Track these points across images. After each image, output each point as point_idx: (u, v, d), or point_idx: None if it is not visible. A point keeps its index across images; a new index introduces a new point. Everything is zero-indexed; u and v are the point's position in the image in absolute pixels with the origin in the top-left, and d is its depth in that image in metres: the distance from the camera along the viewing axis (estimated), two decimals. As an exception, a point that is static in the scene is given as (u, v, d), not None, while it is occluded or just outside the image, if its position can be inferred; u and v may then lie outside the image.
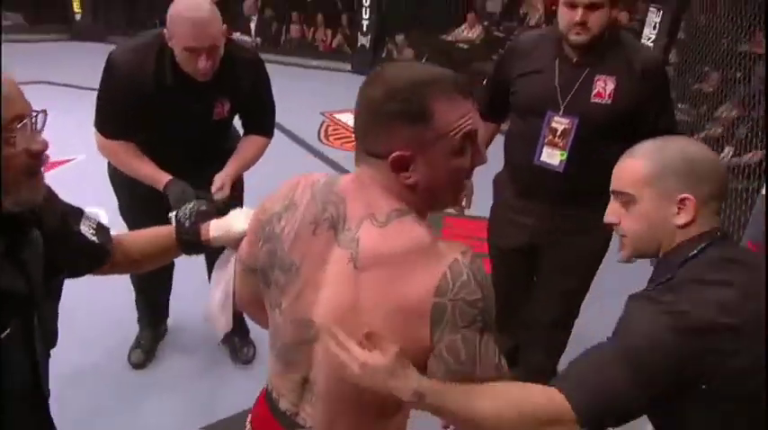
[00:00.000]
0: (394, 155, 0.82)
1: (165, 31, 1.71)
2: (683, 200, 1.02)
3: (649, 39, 3.91)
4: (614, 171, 1.10)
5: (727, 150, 3.86)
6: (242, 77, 1.86)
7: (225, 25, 1.72)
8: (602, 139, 1.66)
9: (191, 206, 1.22)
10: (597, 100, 1.65)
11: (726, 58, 3.93)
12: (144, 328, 2.36)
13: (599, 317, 2.12)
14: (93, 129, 1.88)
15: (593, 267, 1.91)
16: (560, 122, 1.68)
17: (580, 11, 1.57)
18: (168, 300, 2.41)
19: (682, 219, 1.03)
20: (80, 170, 3.71)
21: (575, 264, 1.88)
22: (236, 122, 2.09)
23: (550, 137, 1.69)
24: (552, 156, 1.70)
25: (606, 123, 1.66)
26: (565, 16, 1.61)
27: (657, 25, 3.81)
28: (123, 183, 1.98)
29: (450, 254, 0.83)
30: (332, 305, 0.88)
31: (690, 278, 0.99)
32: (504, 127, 1.95)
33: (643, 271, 1.32)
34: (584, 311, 2.03)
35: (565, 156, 1.69)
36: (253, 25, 7.71)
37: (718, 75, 4.62)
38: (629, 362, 0.92)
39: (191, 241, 1.18)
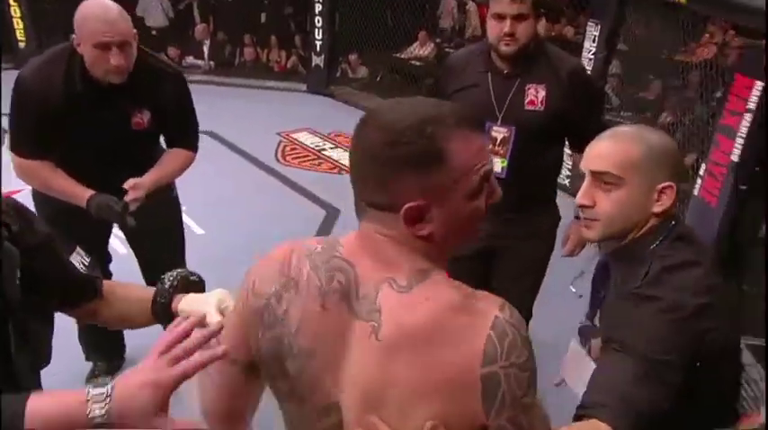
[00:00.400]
0: (407, 207, 0.72)
1: (73, 37, 1.70)
2: (664, 188, 1.03)
3: (590, 51, 4.09)
4: (595, 151, 1.07)
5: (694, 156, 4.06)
6: (164, 90, 1.85)
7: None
8: (539, 144, 1.78)
9: (180, 271, 1.16)
10: (531, 107, 1.75)
11: (663, 68, 4.15)
12: (98, 361, 2.32)
13: (547, 317, 2.20)
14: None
15: (541, 269, 2.00)
16: (499, 131, 1.77)
17: (508, 22, 1.66)
18: (121, 335, 2.33)
19: (660, 207, 1.04)
20: (27, 202, 3.62)
21: (525, 268, 1.96)
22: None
23: (491, 146, 1.77)
24: (494, 164, 1.78)
25: (541, 129, 1.76)
26: (494, 28, 1.71)
27: (596, 38, 4.00)
28: (44, 201, 1.92)
29: (489, 311, 0.73)
30: (358, 386, 0.76)
31: (662, 268, 1.02)
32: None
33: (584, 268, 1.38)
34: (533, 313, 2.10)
35: (506, 163, 1.79)
36: (206, 49, 7.69)
37: (658, 83, 4.86)
38: (654, 376, 0.95)
39: (164, 305, 1.12)
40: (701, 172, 2.16)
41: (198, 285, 1.16)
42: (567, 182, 3.61)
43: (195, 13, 8.18)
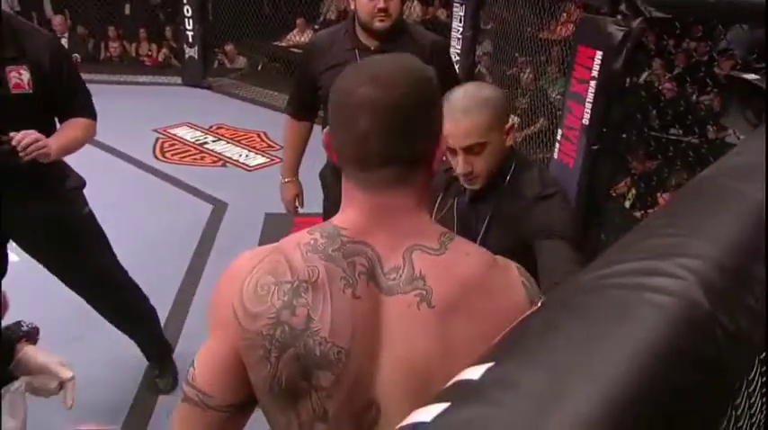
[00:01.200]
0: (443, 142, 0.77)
1: None
2: (509, 128, 1.29)
3: (458, 31, 4.27)
4: (459, 130, 1.22)
5: (542, 121, 4.40)
6: (40, 48, 1.70)
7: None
8: None
9: (26, 326, 1.08)
10: None
11: (529, 46, 4.44)
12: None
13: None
14: None
15: None
16: None
17: None
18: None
19: (510, 141, 1.31)
20: None
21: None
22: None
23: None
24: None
25: None
26: (366, 6, 1.75)
27: (462, 18, 4.18)
28: None
29: (509, 262, 0.78)
30: (406, 364, 0.70)
31: (538, 172, 1.33)
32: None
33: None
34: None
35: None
36: (65, 43, 7.10)
37: (525, 60, 5.18)
38: (579, 248, 1.23)
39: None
40: (559, 137, 2.37)
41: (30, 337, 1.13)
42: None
43: (46, 6, 7.53)
